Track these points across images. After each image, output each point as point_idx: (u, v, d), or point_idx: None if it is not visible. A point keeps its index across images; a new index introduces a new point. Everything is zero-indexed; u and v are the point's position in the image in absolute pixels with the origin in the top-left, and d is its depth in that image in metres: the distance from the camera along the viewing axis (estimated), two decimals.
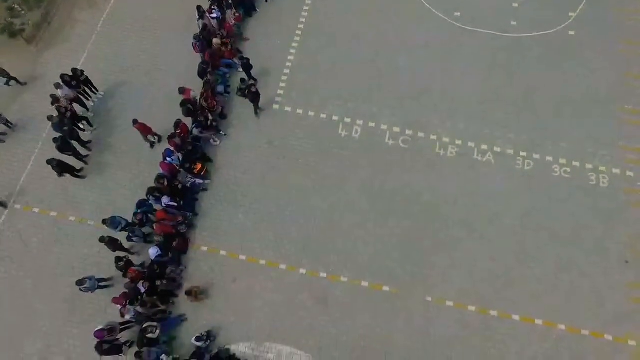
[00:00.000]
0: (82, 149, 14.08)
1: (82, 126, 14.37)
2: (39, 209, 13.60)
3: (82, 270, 12.46)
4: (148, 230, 12.66)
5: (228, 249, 12.92)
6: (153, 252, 11.87)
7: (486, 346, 11.66)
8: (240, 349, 11.81)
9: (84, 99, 14.62)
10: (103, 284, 12.22)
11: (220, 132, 14.33)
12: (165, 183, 12.53)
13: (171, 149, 13.05)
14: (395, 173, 13.65)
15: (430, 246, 12.73)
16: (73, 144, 13.62)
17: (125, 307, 11.30)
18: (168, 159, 12.99)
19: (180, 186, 12.94)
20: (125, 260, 11.88)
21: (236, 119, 14.66)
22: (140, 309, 11.40)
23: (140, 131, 13.51)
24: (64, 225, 13.34)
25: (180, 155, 13.20)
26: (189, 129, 13.63)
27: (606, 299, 11.99)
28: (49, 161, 12.93)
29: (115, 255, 11.91)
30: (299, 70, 15.29)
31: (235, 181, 13.77)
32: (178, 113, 13.47)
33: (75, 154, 13.73)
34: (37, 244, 13.18)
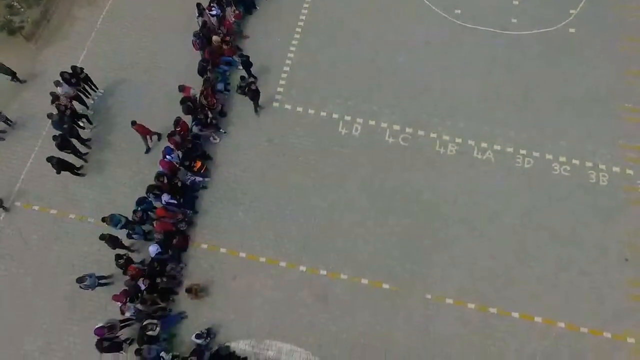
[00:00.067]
0: (82, 147, 14.08)
1: (82, 124, 14.35)
2: (38, 206, 13.60)
3: (82, 268, 12.48)
4: (148, 228, 12.67)
5: (228, 246, 12.93)
6: (153, 250, 11.90)
7: (486, 344, 11.69)
8: (240, 347, 11.84)
9: (83, 96, 14.60)
10: (103, 281, 12.25)
11: (220, 130, 14.32)
12: (165, 181, 12.54)
13: (171, 146, 13.05)
14: (395, 171, 13.65)
15: (430, 244, 12.74)
16: (73, 141, 13.61)
17: (126, 305, 11.32)
18: (168, 156, 12.98)
19: (180, 184, 12.94)
20: (125, 257, 11.91)
21: (236, 117, 14.65)
22: (140, 307, 11.43)
23: (139, 132, 13.47)
24: (64, 222, 13.35)
25: (180, 153, 13.19)
26: (189, 126, 13.63)
27: (605, 296, 12.01)
28: (49, 159, 12.92)
29: (115, 253, 11.93)
30: (298, 68, 15.26)
31: (235, 179, 13.77)
32: (178, 111, 13.47)
33: (75, 152, 13.72)
34: (37, 241, 13.20)
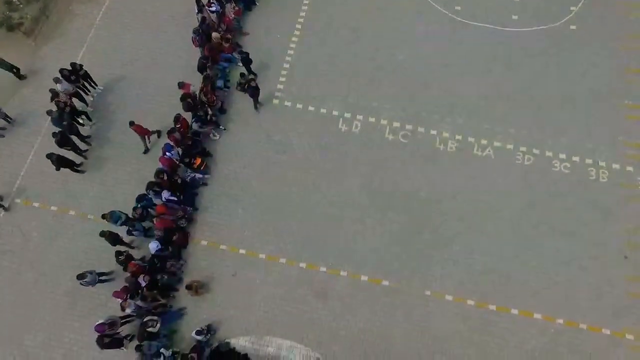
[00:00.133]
0: (82, 144, 14.08)
1: (82, 121, 14.34)
2: (38, 203, 13.62)
3: (83, 264, 12.50)
4: (148, 225, 12.69)
5: (228, 243, 12.96)
6: (153, 247, 11.92)
7: (485, 340, 11.73)
8: (240, 343, 11.88)
9: (83, 93, 14.58)
10: (104, 278, 12.29)
11: (220, 127, 14.31)
12: (165, 178, 12.55)
13: (171, 143, 13.05)
14: (395, 168, 13.65)
15: (429, 240, 12.76)
16: (72, 138, 13.61)
17: (126, 301, 11.36)
18: (168, 153, 12.98)
19: (180, 181, 12.96)
20: (125, 254, 11.94)
21: (236, 114, 14.63)
22: (140, 303, 11.46)
23: (137, 132, 13.43)
24: (64, 219, 13.37)
25: (179, 149, 13.20)
26: (189, 123, 13.62)
27: (605, 293, 12.04)
28: (49, 155, 12.92)
29: (116, 250, 11.96)
30: (298, 65, 15.23)
31: (235, 176, 13.77)
32: (177, 108, 13.45)
33: (75, 149, 13.73)
34: (38, 238, 13.23)
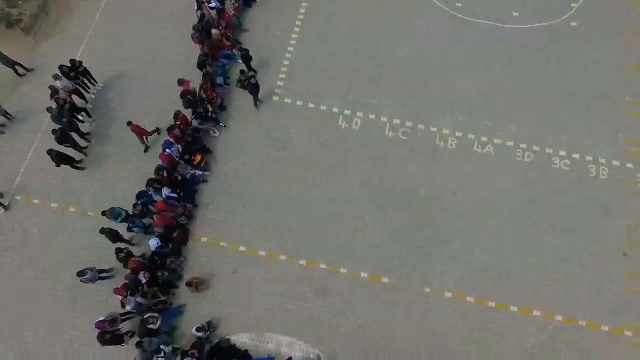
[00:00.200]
0: (82, 141, 14.05)
1: (81, 117, 14.32)
2: (39, 200, 13.62)
3: (83, 261, 12.52)
4: (148, 221, 12.69)
5: (228, 240, 12.97)
6: (153, 243, 11.93)
7: (484, 337, 11.76)
8: (241, 339, 11.91)
9: (82, 90, 14.55)
10: (104, 274, 12.29)
11: (220, 124, 14.29)
12: (165, 174, 12.54)
13: (171, 140, 13.03)
14: (395, 165, 13.65)
15: (429, 237, 12.78)
16: (72, 135, 13.59)
17: (126, 298, 11.37)
18: (167, 150, 12.97)
19: (180, 177, 12.96)
20: (125, 251, 11.94)
21: (235, 111, 14.61)
22: (141, 300, 11.48)
23: (135, 132, 13.36)
24: (64, 216, 13.37)
25: (179, 146, 13.19)
26: (189, 120, 13.60)
27: (604, 290, 12.07)
28: (49, 151, 12.90)
29: (116, 247, 11.96)
30: (298, 62, 15.19)
31: (235, 173, 13.77)
32: (177, 104, 13.44)
33: (74, 146, 13.71)
34: (38, 235, 13.23)
